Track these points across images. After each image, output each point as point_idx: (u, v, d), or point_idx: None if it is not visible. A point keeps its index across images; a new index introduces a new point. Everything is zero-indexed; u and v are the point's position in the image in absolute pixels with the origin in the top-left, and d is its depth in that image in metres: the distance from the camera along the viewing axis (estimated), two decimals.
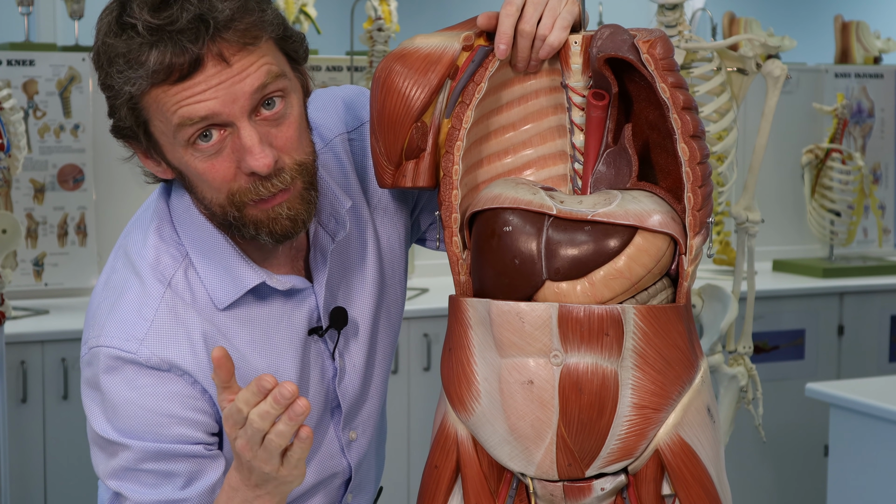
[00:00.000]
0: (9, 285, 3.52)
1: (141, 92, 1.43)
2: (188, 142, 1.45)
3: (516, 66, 1.56)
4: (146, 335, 1.49)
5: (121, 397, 1.49)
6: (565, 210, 1.48)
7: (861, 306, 4.47)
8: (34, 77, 3.95)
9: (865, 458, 3.04)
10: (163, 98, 1.43)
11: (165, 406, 1.49)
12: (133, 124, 1.47)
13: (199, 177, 1.47)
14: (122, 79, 1.43)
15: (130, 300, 1.52)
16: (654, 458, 1.49)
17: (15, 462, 3.45)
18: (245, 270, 1.53)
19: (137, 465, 1.50)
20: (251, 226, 1.49)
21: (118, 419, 1.49)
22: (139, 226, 1.59)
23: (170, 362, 1.50)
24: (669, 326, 1.47)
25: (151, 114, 1.45)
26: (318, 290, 1.60)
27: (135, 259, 1.55)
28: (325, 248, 1.59)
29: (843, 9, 5.46)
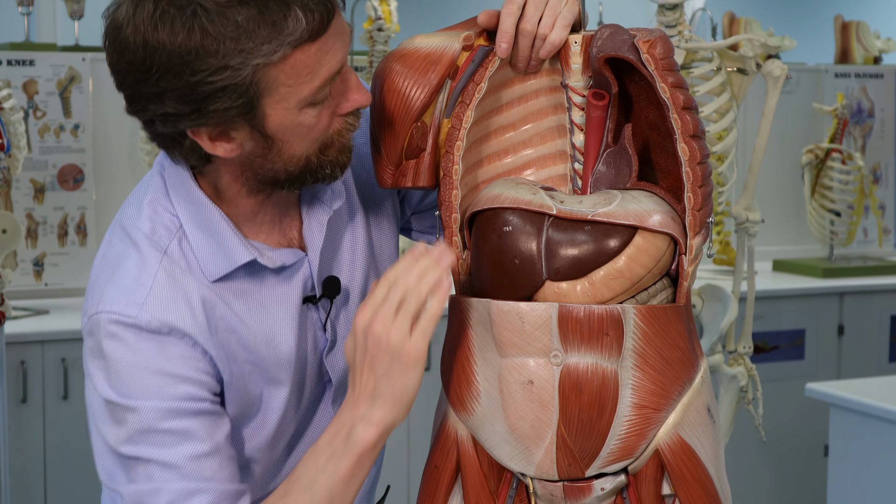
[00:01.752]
0: (9, 285, 3.52)
1: (279, 59, 1.40)
2: (311, 101, 1.45)
3: (517, 65, 1.56)
4: (146, 300, 1.49)
5: (124, 361, 1.49)
6: (565, 210, 1.48)
7: (861, 306, 4.48)
8: (34, 77, 3.95)
9: (865, 458, 3.04)
10: (302, 59, 1.41)
11: (169, 367, 1.49)
12: (243, 102, 1.42)
13: (303, 134, 1.47)
14: (263, 50, 1.39)
15: (129, 268, 1.52)
16: (654, 458, 1.50)
17: (15, 462, 3.45)
18: (237, 246, 1.54)
19: (151, 425, 1.48)
20: (328, 165, 1.51)
21: (123, 383, 1.48)
22: (133, 201, 1.59)
23: (170, 325, 1.49)
24: (669, 326, 1.47)
25: (279, 82, 1.42)
26: (313, 258, 1.60)
27: (130, 230, 1.55)
28: (322, 218, 1.60)
29: (843, 9, 5.46)
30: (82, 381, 3.49)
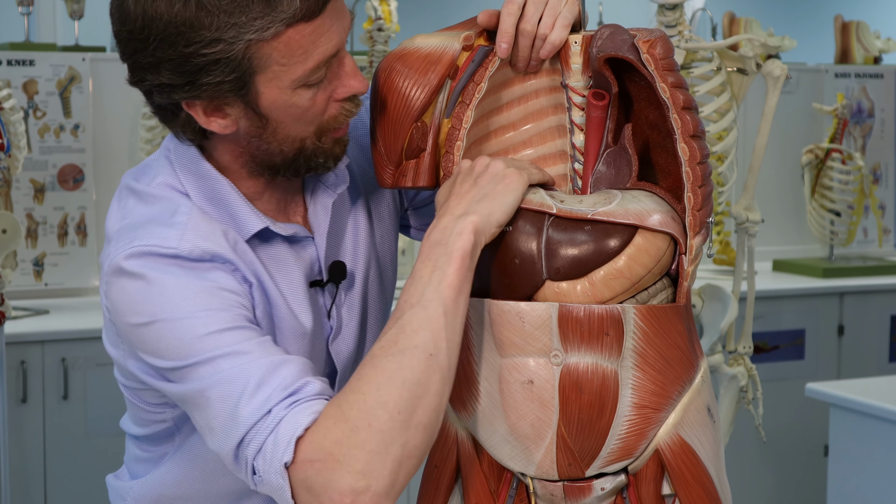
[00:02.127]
0: (9, 285, 3.52)
1: (273, 36, 1.42)
2: (305, 82, 1.46)
3: (517, 65, 1.56)
4: (184, 231, 1.48)
5: (169, 283, 1.45)
6: (565, 209, 1.48)
7: (861, 306, 4.48)
8: (34, 77, 3.95)
9: (865, 458, 3.04)
10: (296, 38, 1.43)
11: (215, 286, 1.46)
12: (236, 77, 1.44)
13: (298, 115, 1.48)
14: (255, 25, 1.41)
15: (159, 211, 1.51)
16: (654, 457, 1.50)
17: (15, 462, 3.45)
18: (249, 215, 1.54)
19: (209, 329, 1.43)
20: (322, 154, 1.52)
21: (169, 302, 1.44)
22: (143, 175, 1.58)
23: (211, 252, 1.48)
24: (669, 326, 1.47)
25: (272, 59, 1.44)
26: (319, 241, 1.60)
27: (148, 190, 1.54)
28: (327, 202, 1.61)
29: (843, 9, 5.46)
30: (82, 381, 3.47)
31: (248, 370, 1.41)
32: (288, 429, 1.37)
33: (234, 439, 1.40)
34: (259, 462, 1.38)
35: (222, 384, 1.41)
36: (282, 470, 1.36)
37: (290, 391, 1.40)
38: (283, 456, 1.36)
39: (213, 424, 1.42)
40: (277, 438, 1.37)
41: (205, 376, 1.42)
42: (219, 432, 1.42)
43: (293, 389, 1.40)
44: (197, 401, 1.44)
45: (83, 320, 3.69)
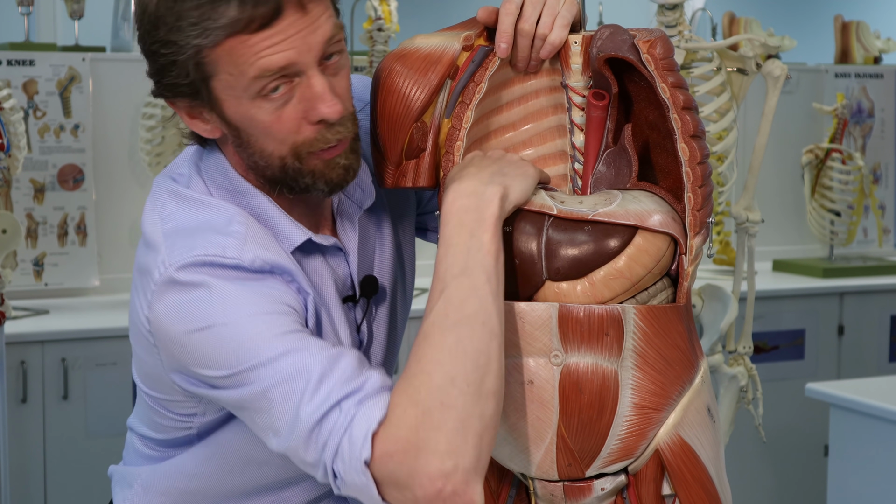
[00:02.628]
0: (9, 285, 3.52)
1: (214, 44, 1.42)
2: (260, 94, 1.44)
3: (516, 65, 1.56)
4: (245, 241, 1.46)
5: (232, 289, 1.43)
6: (566, 210, 1.48)
7: (861, 306, 4.47)
8: (34, 77, 3.95)
9: (865, 458, 3.04)
10: (239, 48, 1.42)
11: (276, 296, 1.45)
12: (195, 80, 1.45)
13: (264, 130, 1.47)
14: (194, 31, 1.41)
15: (215, 220, 1.49)
16: (654, 458, 1.50)
17: (15, 462, 3.45)
18: (291, 228, 1.53)
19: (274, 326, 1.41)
20: (309, 175, 1.49)
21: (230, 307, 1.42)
22: (179, 180, 1.56)
23: (272, 263, 1.47)
24: (669, 326, 1.47)
25: (220, 67, 1.44)
26: (352, 258, 1.59)
27: (194, 196, 1.52)
28: (353, 216, 1.60)
29: (843, 9, 5.45)
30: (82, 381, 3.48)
31: (309, 365, 1.38)
32: (361, 426, 1.34)
33: (299, 437, 1.38)
34: (339, 465, 1.35)
35: (284, 382, 1.39)
36: (363, 468, 1.34)
37: (354, 387, 1.37)
38: (360, 454, 1.33)
39: (278, 425, 1.40)
40: (352, 437, 1.34)
41: (265, 377, 1.40)
42: (284, 432, 1.39)
43: (356, 385, 1.37)
44: (258, 404, 1.41)
45: (83, 320, 3.69)
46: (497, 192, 1.43)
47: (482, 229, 1.41)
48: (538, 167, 1.53)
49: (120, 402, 3.54)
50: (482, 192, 1.43)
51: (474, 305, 1.38)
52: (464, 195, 1.43)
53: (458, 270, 1.40)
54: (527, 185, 1.47)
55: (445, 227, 1.43)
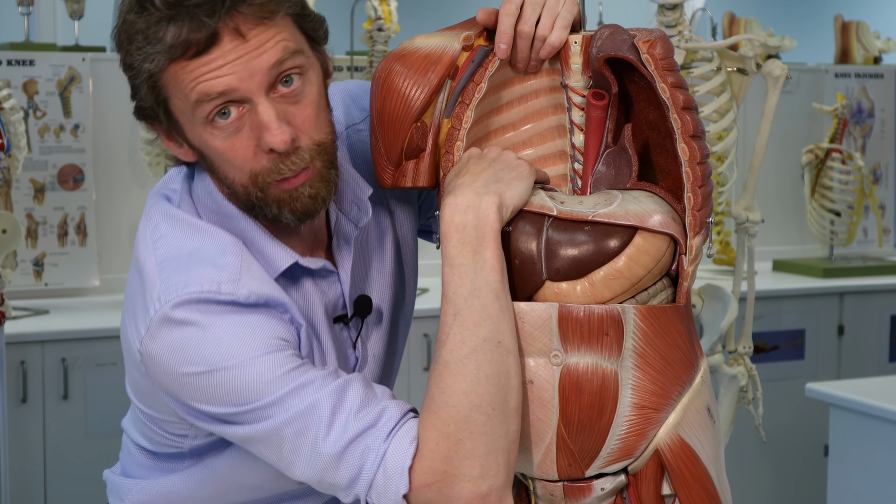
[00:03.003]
0: (9, 285, 3.52)
1: (160, 69, 1.43)
2: (207, 119, 1.44)
3: (516, 65, 1.56)
4: (240, 275, 1.46)
5: (228, 330, 1.43)
6: (566, 211, 1.48)
7: (861, 306, 4.47)
8: (34, 77, 3.95)
9: (865, 458, 3.04)
10: (181, 74, 1.43)
11: (273, 331, 1.45)
12: (153, 103, 1.47)
13: (220, 156, 1.47)
14: (140, 56, 1.43)
15: (208, 249, 1.49)
16: (654, 458, 1.49)
17: (15, 462, 3.45)
18: (277, 252, 1.52)
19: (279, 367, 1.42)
20: (274, 205, 1.48)
21: (227, 348, 1.42)
22: (171, 201, 1.57)
23: (266, 296, 1.47)
24: (669, 326, 1.47)
25: (170, 91, 1.45)
26: (344, 277, 1.59)
27: (188, 219, 1.53)
28: (349, 234, 1.59)
29: (843, 9, 5.45)
30: (82, 381, 3.48)
31: (318, 400, 1.41)
32: (396, 461, 1.39)
33: (322, 470, 1.42)
34: (373, 496, 1.41)
35: (296, 420, 1.42)
36: (400, 500, 1.39)
37: (371, 419, 1.41)
38: (398, 488, 1.39)
39: (293, 458, 1.43)
40: (387, 472, 1.39)
41: (275, 415, 1.42)
42: (300, 465, 1.43)
43: (373, 417, 1.41)
44: (269, 439, 1.44)
45: (83, 320, 3.69)
46: (493, 202, 1.43)
47: (483, 245, 1.42)
48: (535, 166, 1.52)
49: (120, 402, 3.53)
50: (478, 204, 1.43)
51: (488, 327, 1.41)
52: (460, 210, 1.43)
53: (467, 292, 1.42)
54: (523, 188, 1.47)
55: (447, 245, 1.43)
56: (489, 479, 1.40)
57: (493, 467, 1.40)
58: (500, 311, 1.42)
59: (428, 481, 1.39)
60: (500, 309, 1.42)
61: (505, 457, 1.41)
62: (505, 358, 1.42)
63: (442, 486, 1.39)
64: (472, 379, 1.40)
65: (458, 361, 1.41)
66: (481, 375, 1.40)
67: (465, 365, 1.40)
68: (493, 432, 1.40)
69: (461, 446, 1.39)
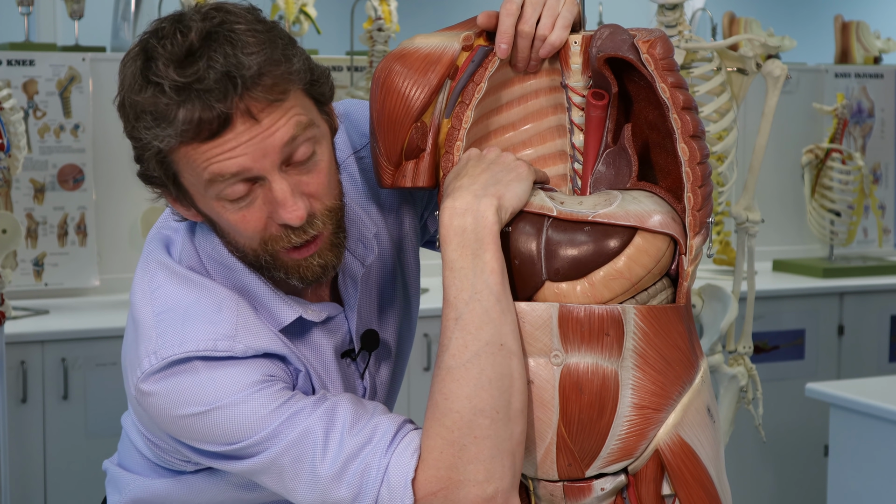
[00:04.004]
0: (9, 285, 3.52)
1: (170, 148, 1.41)
2: (218, 196, 1.44)
3: (516, 65, 1.56)
4: (236, 331, 1.47)
5: (219, 375, 1.45)
6: (565, 211, 1.48)
7: (861, 306, 4.47)
8: (34, 77, 3.95)
9: (865, 458, 3.04)
10: (192, 154, 1.41)
11: (269, 373, 1.47)
12: (162, 175, 1.46)
13: (230, 226, 1.47)
14: (150, 135, 1.41)
15: (204, 303, 1.49)
16: (654, 458, 1.49)
17: (15, 462, 3.45)
18: (281, 307, 1.53)
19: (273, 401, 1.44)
20: (282, 270, 1.49)
21: (225, 391, 1.44)
22: (171, 250, 1.57)
23: (264, 349, 1.48)
24: (669, 326, 1.47)
25: (181, 167, 1.44)
26: (350, 315, 1.60)
27: (184, 273, 1.53)
28: (356, 273, 1.60)
29: (843, 9, 5.46)
30: (82, 381, 3.48)
31: (311, 426, 1.43)
32: (398, 475, 1.40)
33: (323, 492, 1.43)
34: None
35: (292, 448, 1.43)
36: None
37: (366, 436, 1.42)
38: (403, 500, 1.40)
39: (293, 485, 1.45)
40: (391, 486, 1.41)
41: (271, 447, 1.44)
42: (302, 490, 1.44)
43: (368, 434, 1.43)
44: (269, 470, 1.46)
45: (83, 320, 3.69)
46: (492, 204, 1.43)
47: (483, 248, 1.42)
48: (535, 167, 1.52)
49: (120, 402, 3.54)
50: (476, 207, 1.43)
51: (490, 331, 1.41)
52: (459, 213, 1.43)
53: (468, 296, 1.42)
54: (522, 190, 1.46)
55: (447, 249, 1.44)
56: (494, 482, 1.40)
57: (498, 470, 1.40)
58: (501, 314, 1.42)
59: (433, 489, 1.40)
60: (502, 311, 1.42)
61: (510, 459, 1.41)
62: (508, 360, 1.42)
63: (448, 492, 1.40)
64: (475, 383, 1.40)
65: (461, 366, 1.41)
66: (484, 379, 1.40)
67: (468, 370, 1.41)
68: (497, 436, 1.40)
69: (465, 451, 1.40)
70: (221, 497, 1.62)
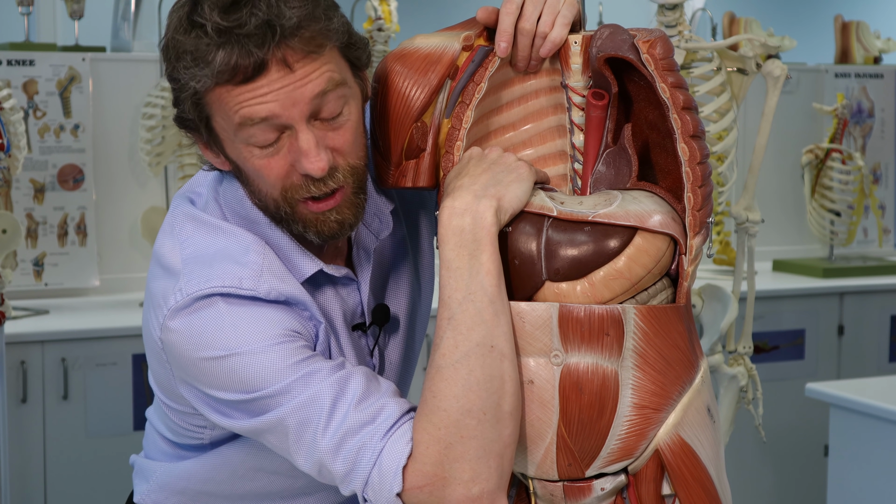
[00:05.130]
0: (9, 285, 3.52)
1: (205, 89, 1.46)
2: (246, 141, 1.47)
3: (517, 64, 1.56)
4: (261, 272, 1.50)
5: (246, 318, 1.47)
6: (565, 211, 1.48)
7: (861, 306, 4.47)
8: (34, 77, 3.95)
9: (865, 458, 3.04)
10: (226, 97, 1.46)
11: (291, 325, 1.49)
12: (196, 118, 1.50)
13: (255, 172, 1.50)
14: (188, 75, 1.46)
15: (232, 248, 1.53)
16: (654, 458, 1.49)
17: (15, 462, 3.45)
18: (303, 259, 1.55)
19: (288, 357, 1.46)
20: (300, 223, 1.52)
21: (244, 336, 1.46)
22: (196, 204, 1.60)
23: (287, 294, 1.50)
24: (670, 326, 1.47)
25: (214, 110, 1.48)
26: (363, 287, 1.62)
27: (212, 221, 1.56)
28: (369, 246, 1.61)
29: (843, 9, 5.45)
30: (82, 381, 3.48)
31: (320, 392, 1.44)
32: (391, 460, 1.42)
33: (321, 461, 1.45)
34: (369, 492, 1.43)
35: (299, 410, 1.45)
36: (394, 499, 1.42)
37: (370, 414, 1.44)
38: (392, 486, 1.41)
39: (295, 448, 1.46)
40: (382, 470, 1.42)
41: (279, 405, 1.45)
42: (302, 454, 1.46)
43: (372, 412, 1.44)
44: (274, 429, 1.47)
45: (83, 320, 3.69)
46: (491, 205, 1.44)
47: (480, 249, 1.43)
48: (535, 167, 1.53)
49: (120, 402, 3.54)
50: (476, 207, 1.44)
51: (481, 332, 1.42)
52: (458, 213, 1.44)
53: (461, 296, 1.43)
54: (522, 191, 1.47)
55: (444, 248, 1.45)
56: (480, 482, 1.41)
57: (484, 471, 1.41)
58: (494, 316, 1.43)
59: (420, 483, 1.41)
60: (495, 313, 1.43)
61: (497, 461, 1.42)
62: (499, 362, 1.42)
63: (433, 488, 1.41)
64: (464, 384, 1.41)
65: (450, 366, 1.42)
66: (472, 380, 1.41)
67: (457, 370, 1.42)
68: (484, 437, 1.41)
69: (452, 450, 1.41)
70: (239, 474, 1.65)
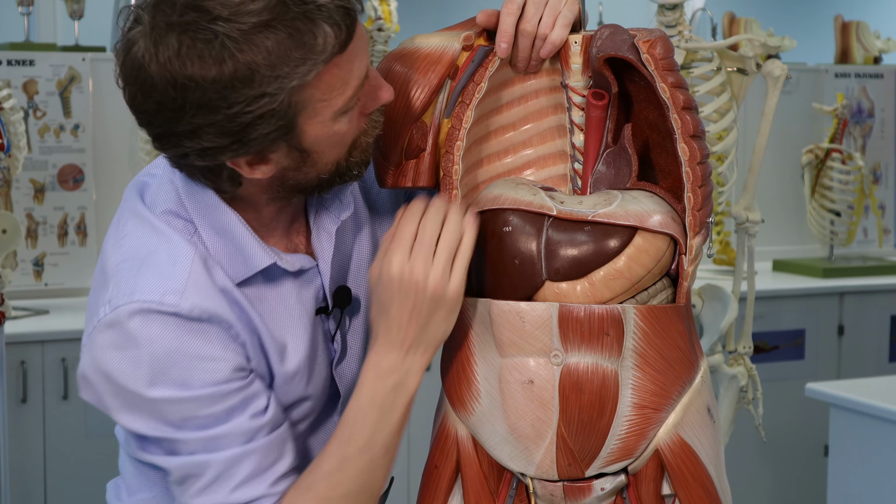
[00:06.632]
0: (9, 285, 3.52)
1: (312, 77, 1.39)
2: (345, 108, 1.44)
3: (517, 65, 1.56)
4: (185, 287, 1.46)
5: (164, 349, 1.45)
6: (566, 211, 1.48)
7: (861, 306, 4.47)
8: (34, 77, 3.95)
9: (865, 458, 3.04)
10: (335, 72, 1.41)
11: (211, 352, 1.47)
12: (282, 125, 1.41)
13: (340, 141, 1.47)
14: (297, 73, 1.37)
15: (161, 255, 1.49)
16: (654, 458, 1.50)
17: (15, 462, 3.45)
18: (256, 250, 1.52)
19: (196, 412, 1.46)
20: (354, 167, 1.51)
21: (164, 373, 1.45)
22: (145, 196, 1.57)
23: (210, 312, 1.47)
24: (670, 326, 1.47)
25: (314, 98, 1.41)
26: (324, 268, 1.59)
27: (152, 220, 1.53)
28: (330, 227, 1.59)
29: (843, 9, 5.46)
30: None
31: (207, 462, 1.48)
32: None
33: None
34: None
35: (181, 468, 1.48)
36: None
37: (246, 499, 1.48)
38: None
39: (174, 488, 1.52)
40: None
41: (176, 453, 1.49)
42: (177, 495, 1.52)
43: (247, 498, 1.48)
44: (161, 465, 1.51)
45: (83, 320, 3.67)
46: (420, 365, 1.49)
47: (394, 410, 1.49)
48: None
49: None
50: (402, 366, 1.49)
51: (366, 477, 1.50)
52: (385, 372, 1.49)
53: (362, 443, 1.49)
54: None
55: (358, 395, 1.49)
56: None
57: None
58: (383, 467, 1.51)
59: None
60: (387, 464, 1.51)
61: None
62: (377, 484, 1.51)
63: None
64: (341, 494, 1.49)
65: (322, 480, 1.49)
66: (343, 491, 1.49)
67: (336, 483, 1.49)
68: None
69: None
70: None
